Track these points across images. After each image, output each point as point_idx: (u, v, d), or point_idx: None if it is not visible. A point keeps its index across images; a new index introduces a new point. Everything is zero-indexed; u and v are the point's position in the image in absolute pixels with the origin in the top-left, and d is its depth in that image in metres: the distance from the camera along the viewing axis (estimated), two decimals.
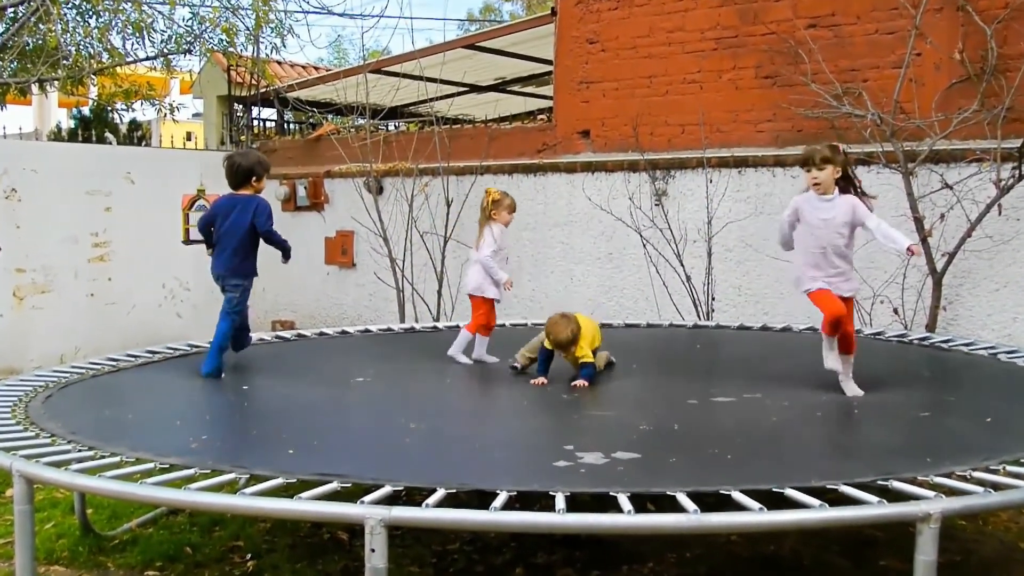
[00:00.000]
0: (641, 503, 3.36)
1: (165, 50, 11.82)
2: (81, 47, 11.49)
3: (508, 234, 6.51)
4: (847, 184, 5.26)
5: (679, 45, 8.88)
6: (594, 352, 5.71)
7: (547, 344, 5.64)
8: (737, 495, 3.32)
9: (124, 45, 11.61)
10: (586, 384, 5.50)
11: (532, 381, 5.63)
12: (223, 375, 5.79)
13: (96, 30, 11.46)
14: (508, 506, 3.27)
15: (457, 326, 8.04)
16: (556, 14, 9.70)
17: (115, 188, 10.88)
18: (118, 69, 12.20)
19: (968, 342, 6.59)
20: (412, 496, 3.44)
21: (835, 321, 5.11)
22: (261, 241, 5.98)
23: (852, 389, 5.18)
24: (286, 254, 6.06)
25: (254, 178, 6.02)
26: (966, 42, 7.46)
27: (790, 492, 3.33)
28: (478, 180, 9.94)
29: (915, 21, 7.50)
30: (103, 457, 3.95)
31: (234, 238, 5.91)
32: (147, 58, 11.83)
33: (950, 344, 6.56)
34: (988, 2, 7.38)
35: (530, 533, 4.82)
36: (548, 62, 10.84)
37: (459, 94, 13.99)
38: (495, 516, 3.20)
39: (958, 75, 7.51)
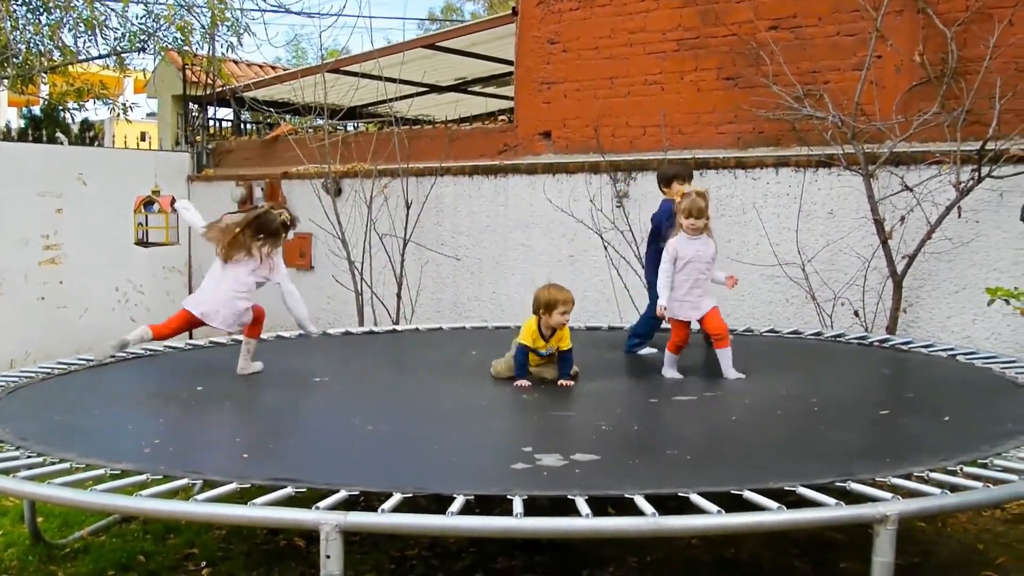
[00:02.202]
0: (601, 506, 3.31)
1: (118, 48, 11.70)
2: (32, 44, 11.34)
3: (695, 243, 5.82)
4: None
5: (640, 46, 8.86)
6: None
7: (524, 339, 5.58)
8: (695, 498, 3.29)
9: (76, 43, 11.50)
10: (572, 383, 5.49)
11: (516, 383, 5.53)
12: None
13: (47, 27, 11.33)
14: (467, 510, 3.21)
15: (416, 328, 8.00)
16: (517, 14, 9.65)
17: (67, 189, 10.70)
18: (70, 67, 12.04)
19: (927, 344, 6.61)
20: (370, 501, 3.37)
21: None
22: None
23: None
24: None
25: (663, 184, 6.69)
26: (926, 44, 7.49)
27: (748, 494, 3.31)
28: (438, 181, 9.88)
29: (876, 23, 7.53)
30: (53, 463, 3.86)
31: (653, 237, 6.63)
32: (100, 56, 11.72)
33: (910, 346, 6.58)
34: (948, 5, 7.42)
35: (489, 538, 4.77)
36: (509, 62, 10.80)
37: (419, 94, 13.91)
38: (452, 521, 3.15)
39: (918, 77, 7.54)
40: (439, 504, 3.30)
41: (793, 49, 8.05)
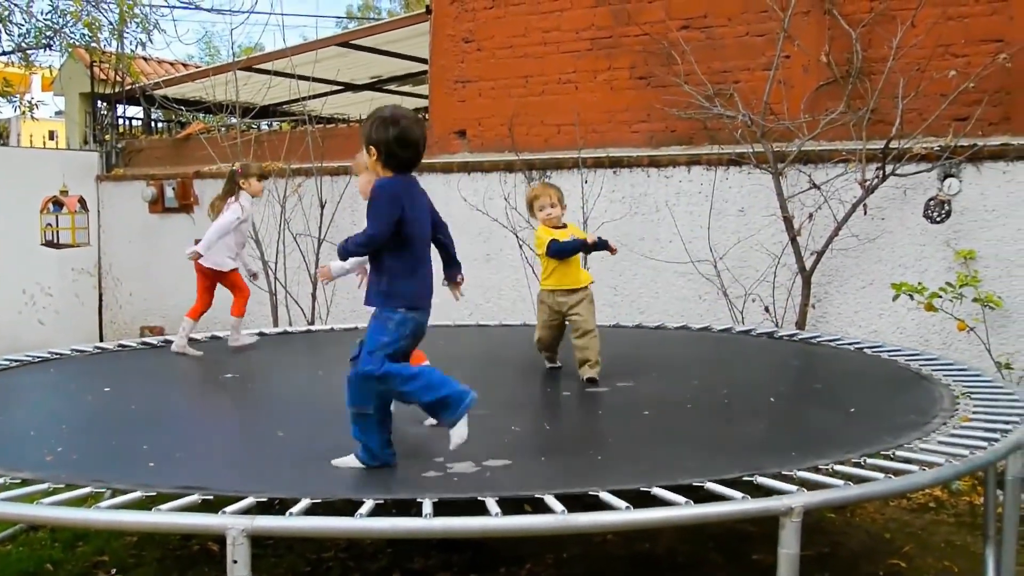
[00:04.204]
0: (518, 507, 3.31)
1: (23, 44, 11.38)
2: None
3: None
4: None
5: (555, 45, 8.90)
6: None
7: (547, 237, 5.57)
8: (605, 495, 3.30)
9: None
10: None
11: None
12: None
13: None
14: (378, 512, 3.19)
15: (332, 328, 7.93)
16: (431, 12, 9.62)
17: None
18: None
19: (835, 338, 6.74)
20: (286, 505, 3.34)
21: None
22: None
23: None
24: None
25: None
26: (832, 45, 7.65)
27: (657, 491, 3.33)
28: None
29: (784, 24, 7.66)
30: None
31: None
32: (3, 53, 11.38)
33: (818, 341, 6.71)
34: (854, 6, 7.58)
35: (404, 539, 4.75)
36: (424, 61, 10.75)
37: (333, 93, 13.81)
38: (360, 523, 3.13)
39: (825, 77, 7.70)
40: (353, 508, 3.27)
41: (704, 49, 8.16)
